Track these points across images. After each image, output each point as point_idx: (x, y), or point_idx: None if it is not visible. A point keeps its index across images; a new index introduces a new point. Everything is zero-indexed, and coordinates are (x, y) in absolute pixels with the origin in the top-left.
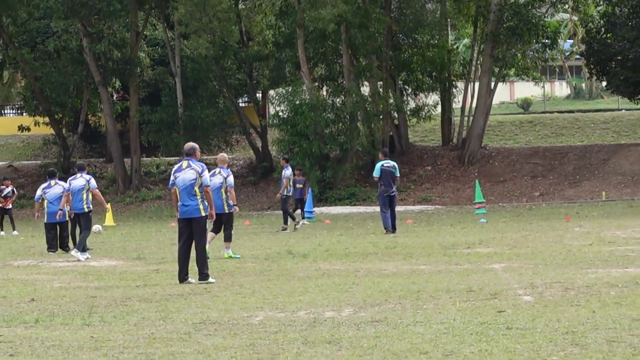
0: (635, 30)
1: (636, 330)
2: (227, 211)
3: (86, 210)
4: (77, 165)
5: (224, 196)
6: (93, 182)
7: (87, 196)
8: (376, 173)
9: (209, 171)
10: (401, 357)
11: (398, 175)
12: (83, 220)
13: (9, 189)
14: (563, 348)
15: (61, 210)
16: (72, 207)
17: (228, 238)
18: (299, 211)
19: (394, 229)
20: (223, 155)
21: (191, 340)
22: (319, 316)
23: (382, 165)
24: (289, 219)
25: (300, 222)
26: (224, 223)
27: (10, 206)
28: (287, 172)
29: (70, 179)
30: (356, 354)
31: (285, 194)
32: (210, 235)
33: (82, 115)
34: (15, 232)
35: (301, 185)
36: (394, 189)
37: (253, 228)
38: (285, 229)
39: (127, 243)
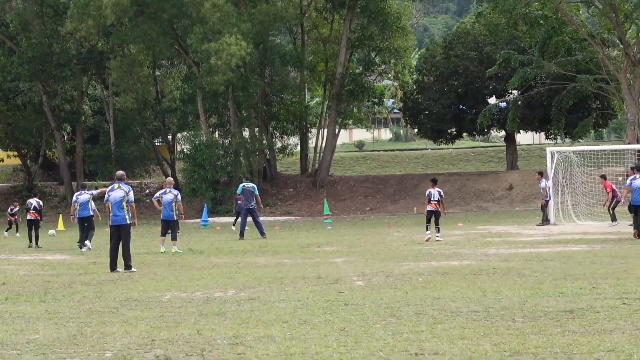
0: (438, 92)
1: (437, 305)
2: (175, 219)
3: (92, 214)
4: (81, 184)
5: (174, 208)
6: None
7: (92, 205)
8: (239, 191)
9: (162, 190)
10: (269, 325)
11: (257, 193)
12: (89, 222)
13: (17, 208)
14: (384, 318)
15: (72, 215)
16: (80, 214)
17: (174, 238)
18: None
19: (263, 234)
20: (170, 179)
21: (118, 313)
22: (210, 296)
23: (244, 186)
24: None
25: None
26: (171, 227)
27: (15, 219)
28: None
29: (76, 194)
30: (237, 323)
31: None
32: (161, 239)
33: (42, 151)
34: (17, 234)
35: (240, 202)
36: (253, 203)
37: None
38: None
39: (73, 243)
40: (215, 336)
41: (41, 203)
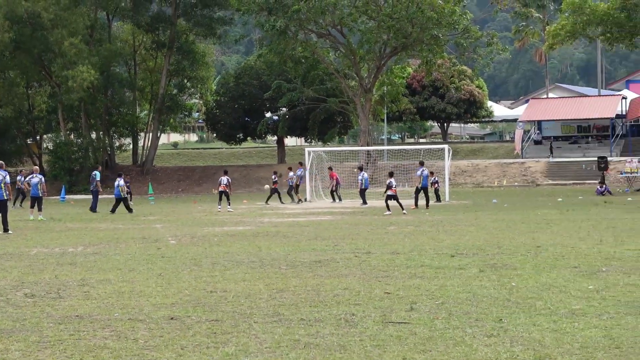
0: (230, 108)
1: (227, 258)
2: (40, 195)
3: (41, 195)
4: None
5: (39, 188)
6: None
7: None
8: (97, 177)
9: (30, 175)
10: (107, 271)
11: (98, 179)
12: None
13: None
14: (189, 267)
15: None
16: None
17: (40, 209)
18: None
19: (94, 210)
20: (36, 167)
21: None
22: (65, 250)
23: (94, 173)
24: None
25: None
26: (37, 202)
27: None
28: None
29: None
30: (84, 270)
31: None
32: (30, 210)
33: None
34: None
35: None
36: (93, 186)
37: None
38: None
39: None
40: (68, 280)
41: None
